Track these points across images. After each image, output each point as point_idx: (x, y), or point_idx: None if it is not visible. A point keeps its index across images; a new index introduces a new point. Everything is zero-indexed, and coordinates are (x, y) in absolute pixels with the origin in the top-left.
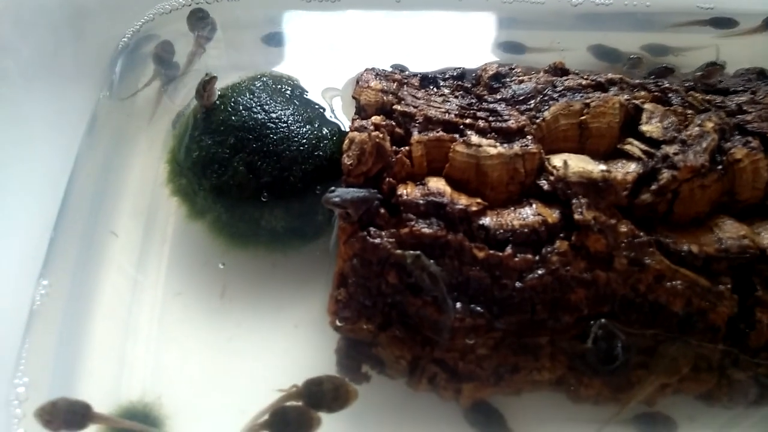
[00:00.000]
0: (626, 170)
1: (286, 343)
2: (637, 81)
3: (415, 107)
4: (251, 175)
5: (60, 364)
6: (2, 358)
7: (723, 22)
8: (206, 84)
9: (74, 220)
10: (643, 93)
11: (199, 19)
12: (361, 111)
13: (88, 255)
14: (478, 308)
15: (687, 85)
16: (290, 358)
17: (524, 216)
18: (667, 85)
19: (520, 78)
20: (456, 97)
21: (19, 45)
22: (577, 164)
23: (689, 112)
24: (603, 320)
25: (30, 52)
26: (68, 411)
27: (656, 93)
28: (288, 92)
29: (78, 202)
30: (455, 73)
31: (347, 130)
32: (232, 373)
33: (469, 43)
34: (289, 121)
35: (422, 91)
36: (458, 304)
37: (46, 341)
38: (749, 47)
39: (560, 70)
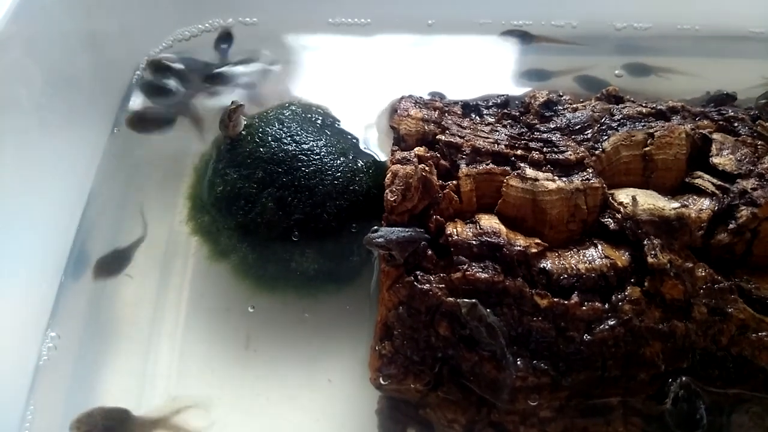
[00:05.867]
0: (699, 207)
1: (318, 400)
2: (698, 109)
3: (461, 137)
4: (281, 212)
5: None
6: (2, 422)
7: None
8: (232, 113)
9: (86, 263)
10: (706, 122)
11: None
12: (401, 141)
13: (101, 301)
14: (542, 364)
15: (752, 114)
16: (323, 417)
17: (590, 258)
18: (731, 113)
19: (573, 106)
20: (504, 126)
21: (32, 72)
22: (646, 200)
23: (759, 143)
24: (684, 378)
25: (43, 79)
26: (106, 418)
27: (720, 122)
28: (319, 122)
29: (90, 242)
30: (499, 101)
31: (383, 161)
32: None
33: (502, 68)
34: (322, 153)
35: (467, 119)
36: (519, 360)
37: (54, 401)
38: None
39: (614, 97)
